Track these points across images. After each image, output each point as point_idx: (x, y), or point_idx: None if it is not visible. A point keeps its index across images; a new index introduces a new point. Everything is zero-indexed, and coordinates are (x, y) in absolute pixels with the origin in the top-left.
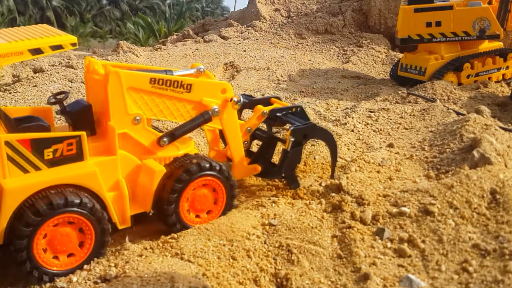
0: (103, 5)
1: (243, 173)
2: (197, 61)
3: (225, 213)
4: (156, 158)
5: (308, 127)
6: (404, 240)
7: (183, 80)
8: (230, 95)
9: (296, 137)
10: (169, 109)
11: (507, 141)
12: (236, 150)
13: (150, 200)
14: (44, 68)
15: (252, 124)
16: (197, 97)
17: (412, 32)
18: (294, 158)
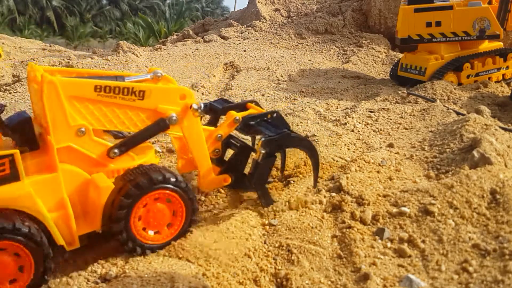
0: (103, 5)
1: (211, 184)
2: (197, 61)
3: (185, 230)
4: (109, 170)
5: (282, 137)
6: (404, 240)
7: (134, 87)
8: (190, 102)
9: (268, 148)
10: (120, 119)
11: (507, 141)
12: (201, 160)
13: (99, 218)
14: None
15: (223, 131)
16: (151, 104)
17: (412, 32)
18: (266, 170)
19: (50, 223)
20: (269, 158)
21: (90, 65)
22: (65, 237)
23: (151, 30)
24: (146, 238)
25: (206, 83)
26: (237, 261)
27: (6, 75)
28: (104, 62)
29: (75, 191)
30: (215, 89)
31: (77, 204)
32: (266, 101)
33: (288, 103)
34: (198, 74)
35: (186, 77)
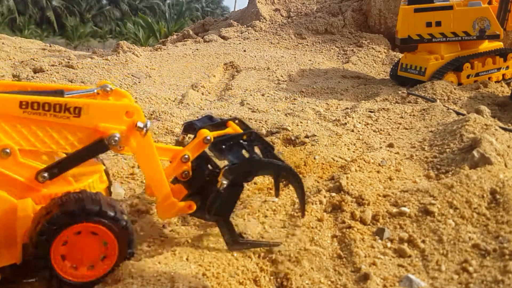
0: (103, 5)
1: (170, 212)
2: (197, 61)
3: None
4: (40, 196)
5: (248, 164)
6: (404, 240)
7: (68, 103)
8: (137, 119)
9: (231, 178)
10: (54, 138)
11: (507, 141)
12: (156, 185)
13: (18, 250)
14: (44, 68)
15: (191, 152)
16: (90, 122)
17: (412, 32)
18: (230, 201)
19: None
20: (234, 188)
21: (90, 65)
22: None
23: (151, 30)
24: (66, 273)
25: (206, 83)
26: (237, 261)
27: (6, 75)
28: (104, 62)
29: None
30: (215, 89)
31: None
32: (266, 101)
33: (288, 103)
34: (198, 74)
35: (186, 77)
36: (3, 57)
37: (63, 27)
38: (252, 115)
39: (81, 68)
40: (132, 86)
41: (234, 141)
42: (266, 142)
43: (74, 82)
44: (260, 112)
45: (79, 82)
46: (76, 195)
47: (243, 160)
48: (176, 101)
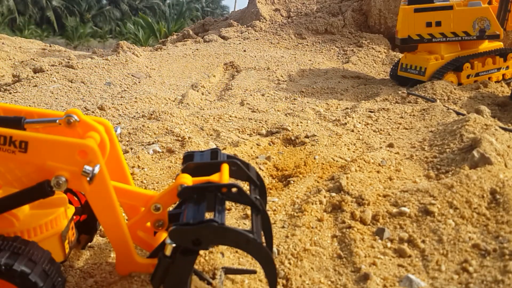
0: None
1: (131, 268)
2: (197, 61)
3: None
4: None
5: (200, 228)
6: (404, 240)
7: (13, 135)
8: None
9: (178, 241)
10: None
11: (507, 141)
12: (113, 237)
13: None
14: (44, 68)
15: (163, 201)
16: (37, 159)
17: (412, 32)
18: (178, 272)
19: None
20: (186, 255)
21: (90, 65)
22: None
23: (151, 30)
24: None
25: (206, 83)
26: (237, 262)
27: (6, 75)
28: (104, 62)
29: None
30: (215, 89)
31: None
32: (266, 101)
33: (288, 103)
34: (198, 74)
35: (186, 77)
36: (3, 57)
37: (63, 27)
38: (252, 115)
39: (81, 68)
40: (132, 86)
41: (208, 192)
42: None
43: (74, 82)
44: (260, 112)
45: (79, 82)
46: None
47: (198, 222)
48: (176, 101)
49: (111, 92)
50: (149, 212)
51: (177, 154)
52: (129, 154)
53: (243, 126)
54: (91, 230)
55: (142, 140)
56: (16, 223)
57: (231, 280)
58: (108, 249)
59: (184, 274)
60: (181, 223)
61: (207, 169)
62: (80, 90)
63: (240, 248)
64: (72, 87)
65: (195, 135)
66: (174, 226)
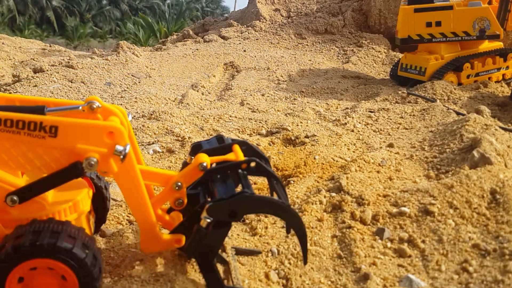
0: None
1: (156, 245)
2: (197, 61)
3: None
4: (11, 219)
5: (235, 201)
6: (404, 240)
7: (43, 121)
8: (118, 142)
9: (215, 216)
10: (29, 157)
11: (507, 141)
12: (139, 216)
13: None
14: (44, 68)
15: (184, 179)
16: (67, 143)
17: (412, 32)
18: (214, 242)
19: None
20: (219, 227)
21: (90, 65)
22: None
23: (151, 30)
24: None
25: (206, 83)
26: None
27: (6, 75)
28: (104, 62)
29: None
30: (215, 89)
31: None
32: (266, 101)
33: (288, 103)
34: (198, 74)
35: (186, 77)
36: (3, 57)
37: (63, 27)
38: (252, 115)
39: (81, 68)
40: (132, 86)
41: (231, 170)
42: (269, 173)
43: (74, 82)
44: (260, 112)
45: (79, 82)
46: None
47: (231, 196)
48: (176, 101)
49: (111, 92)
50: (170, 191)
51: (177, 154)
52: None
53: (243, 126)
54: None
55: (142, 140)
56: (47, 206)
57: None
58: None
59: (216, 245)
60: (216, 199)
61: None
62: (80, 90)
63: (271, 214)
64: (72, 87)
65: (195, 135)
66: (210, 203)
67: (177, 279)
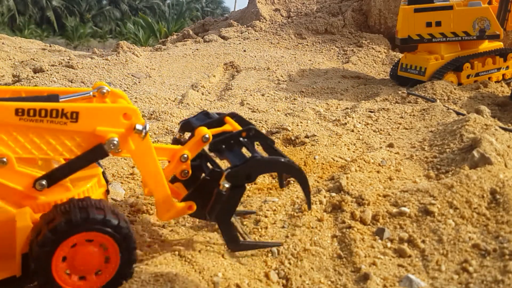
0: (103, 5)
1: (171, 214)
2: (197, 61)
3: (117, 282)
4: (39, 204)
5: (249, 165)
6: (404, 240)
7: (65, 108)
8: (135, 122)
9: (233, 181)
10: (52, 144)
11: (507, 141)
12: (156, 188)
13: (17, 262)
14: (44, 68)
15: (190, 151)
16: (88, 126)
17: (412, 32)
18: (232, 203)
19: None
20: (236, 190)
21: (90, 65)
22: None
23: (151, 30)
24: (67, 283)
25: (206, 83)
26: (238, 263)
27: (6, 75)
28: (104, 62)
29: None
30: (215, 89)
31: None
32: (266, 101)
33: (288, 103)
34: (198, 74)
35: (186, 77)
36: (3, 57)
37: (63, 27)
38: (252, 115)
39: (81, 68)
40: (132, 86)
41: (234, 140)
42: (266, 138)
43: (74, 82)
44: (260, 112)
45: (79, 82)
46: (79, 202)
47: (245, 161)
48: (176, 101)
49: None
50: (178, 163)
51: None
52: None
53: None
54: None
55: None
56: (72, 188)
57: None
58: None
59: (234, 205)
60: (232, 166)
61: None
62: None
63: (279, 171)
64: (72, 87)
65: None
66: (228, 170)
67: (177, 279)
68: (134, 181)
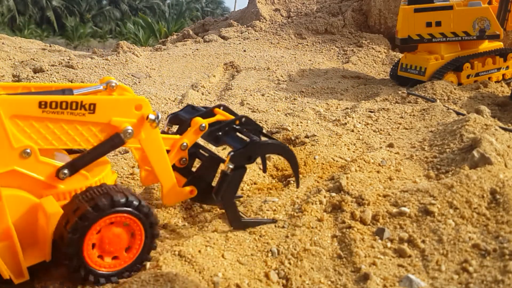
0: (103, 5)
1: (175, 198)
2: (197, 61)
3: (143, 257)
4: (59, 192)
5: (250, 148)
6: (404, 240)
7: (83, 100)
8: (147, 112)
9: (237, 163)
10: (70, 135)
11: (507, 141)
12: (163, 174)
13: (48, 248)
14: (44, 68)
15: (189, 140)
16: (104, 117)
17: (412, 32)
18: (235, 183)
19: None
20: (238, 170)
21: (90, 65)
22: (12, 269)
23: (151, 30)
24: (100, 265)
25: (206, 83)
26: (238, 263)
27: (6, 75)
28: (104, 62)
29: (22, 217)
30: (215, 89)
31: (24, 231)
32: (266, 101)
33: (288, 103)
34: (198, 74)
35: (186, 77)
36: (3, 57)
37: (63, 27)
38: (252, 115)
39: (81, 68)
40: (132, 86)
41: (229, 127)
42: (256, 124)
43: (74, 82)
44: (260, 112)
45: (79, 82)
46: (100, 189)
47: (246, 144)
48: (176, 101)
49: None
50: (178, 151)
51: None
52: (129, 154)
53: None
54: None
55: None
56: (89, 177)
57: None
58: None
59: (237, 185)
60: (234, 150)
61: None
62: None
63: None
64: None
65: None
66: (232, 153)
67: (177, 279)
68: (134, 181)
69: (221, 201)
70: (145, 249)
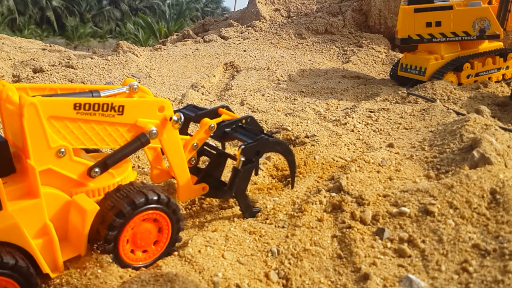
0: (103, 5)
1: (190, 194)
2: (197, 61)
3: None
4: (89, 190)
5: (260, 143)
6: (404, 240)
7: (113, 102)
8: (170, 114)
9: (247, 156)
10: (100, 135)
11: (507, 141)
12: (180, 172)
13: (84, 243)
14: (44, 68)
15: (199, 140)
16: (131, 119)
17: (412, 32)
18: (246, 177)
19: (36, 251)
20: (248, 164)
21: (90, 65)
22: (50, 264)
23: (151, 30)
24: (132, 259)
25: (206, 83)
26: (238, 263)
27: (6, 75)
28: (104, 62)
29: (57, 214)
30: (215, 89)
31: (60, 228)
32: (266, 101)
33: (288, 103)
34: (198, 74)
35: (186, 77)
36: (3, 57)
37: (63, 27)
38: (252, 115)
39: (81, 68)
40: None
41: (236, 125)
42: (259, 125)
43: (74, 82)
44: (260, 112)
45: (79, 82)
46: (132, 187)
47: (257, 140)
48: (176, 101)
49: None
50: (189, 151)
51: None
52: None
53: None
54: None
55: None
56: (116, 175)
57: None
58: None
59: (248, 178)
60: (246, 143)
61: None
62: None
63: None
64: None
65: None
66: (243, 146)
67: (177, 279)
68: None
69: (235, 195)
70: (171, 242)
